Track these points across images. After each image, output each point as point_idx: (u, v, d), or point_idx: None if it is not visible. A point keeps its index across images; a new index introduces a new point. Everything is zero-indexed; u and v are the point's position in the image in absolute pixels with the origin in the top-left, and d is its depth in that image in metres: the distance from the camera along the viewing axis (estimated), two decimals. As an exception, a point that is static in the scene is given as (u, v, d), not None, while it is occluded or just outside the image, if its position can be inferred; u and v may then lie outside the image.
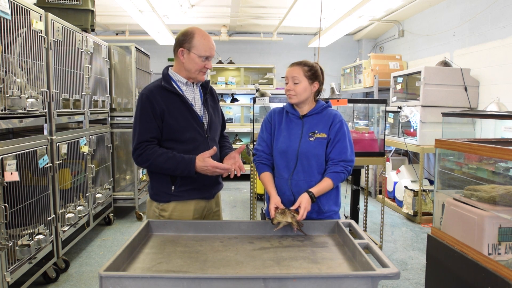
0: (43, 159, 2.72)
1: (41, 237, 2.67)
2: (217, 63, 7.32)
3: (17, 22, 2.43)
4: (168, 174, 1.82)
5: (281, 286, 1.21)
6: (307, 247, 1.59)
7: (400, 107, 4.83)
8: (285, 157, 1.90)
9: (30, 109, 2.54)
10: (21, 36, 2.50)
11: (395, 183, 5.16)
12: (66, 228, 3.11)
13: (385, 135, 3.73)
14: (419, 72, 4.63)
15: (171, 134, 1.80)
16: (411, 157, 5.62)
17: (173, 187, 1.84)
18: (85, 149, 3.52)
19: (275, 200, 1.79)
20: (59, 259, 3.02)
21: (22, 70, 2.53)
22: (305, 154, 1.86)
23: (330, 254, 1.53)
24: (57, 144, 2.96)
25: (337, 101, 3.23)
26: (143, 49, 4.96)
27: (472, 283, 1.93)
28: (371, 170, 5.54)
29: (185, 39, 1.80)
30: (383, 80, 5.85)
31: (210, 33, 7.25)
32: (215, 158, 1.86)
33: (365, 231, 3.89)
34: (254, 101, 3.75)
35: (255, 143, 2.09)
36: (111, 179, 4.35)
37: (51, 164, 2.85)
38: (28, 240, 2.54)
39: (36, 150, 2.63)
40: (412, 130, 4.84)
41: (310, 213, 1.77)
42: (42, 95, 2.75)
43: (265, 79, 7.36)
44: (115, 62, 4.53)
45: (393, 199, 5.21)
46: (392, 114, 5.22)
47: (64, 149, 3.06)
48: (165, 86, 1.81)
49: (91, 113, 3.71)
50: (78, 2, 3.52)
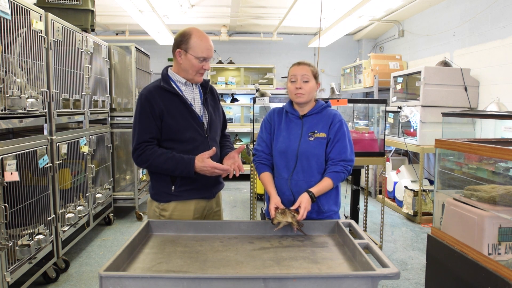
0: (43, 159, 2.72)
1: (41, 237, 2.67)
2: (217, 63, 7.32)
3: (17, 22, 2.43)
4: (168, 175, 1.82)
5: (281, 286, 1.21)
6: (307, 247, 1.59)
7: (400, 107, 4.83)
8: (285, 157, 1.90)
9: (30, 109, 2.54)
10: (21, 36, 2.50)
11: (395, 183, 5.16)
12: (66, 228, 3.11)
13: (385, 135, 3.73)
14: (419, 72, 4.63)
15: (170, 134, 1.80)
16: (411, 157, 5.62)
17: (173, 187, 1.84)
18: (85, 149, 3.52)
19: (275, 200, 1.79)
20: (59, 259, 3.02)
21: (22, 70, 2.53)
22: (304, 154, 1.86)
23: (330, 254, 1.53)
24: (57, 144, 2.96)
25: (337, 101, 3.23)
26: (143, 49, 4.96)
27: (472, 283, 1.93)
28: (371, 170, 5.54)
29: (182, 40, 1.80)
30: (383, 80, 5.85)
31: (210, 33, 7.28)
32: (215, 158, 1.86)
33: (365, 231, 3.89)
34: (254, 101, 3.75)
35: (255, 143, 2.09)
36: (111, 179, 4.35)
37: (51, 164, 2.85)
38: (28, 240, 2.54)
39: (36, 150, 2.63)
40: (412, 130, 4.84)
41: (310, 213, 1.76)
42: (42, 95, 2.75)
43: (265, 79, 7.36)
44: (115, 62, 4.53)
45: (393, 199, 5.21)
46: (392, 114, 5.22)
47: (64, 149, 3.06)
48: (164, 86, 1.81)
49: (91, 113, 3.71)
50: (78, 2, 3.52)
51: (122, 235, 4.06)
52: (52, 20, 2.88)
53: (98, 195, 3.87)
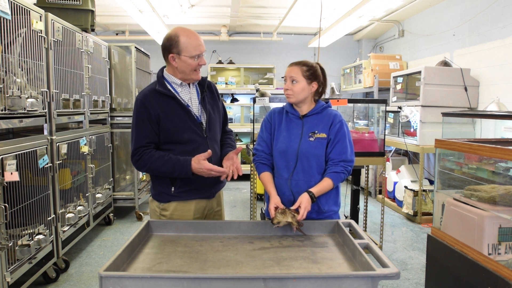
0: (43, 159, 2.72)
1: (41, 237, 2.67)
2: (217, 63, 7.32)
3: (17, 22, 2.43)
4: (168, 177, 1.82)
5: (281, 286, 1.21)
6: (307, 247, 1.59)
7: (400, 107, 4.83)
8: (285, 157, 1.90)
9: (30, 109, 2.54)
10: (21, 36, 2.50)
11: (395, 183, 5.16)
12: (66, 228, 3.11)
13: (385, 135, 3.73)
14: (419, 72, 4.63)
15: (169, 136, 1.80)
16: (411, 157, 5.62)
17: (173, 188, 1.84)
18: (85, 149, 3.52)
19: (275, 200, 1.79)
20: (59, 259, 3.02)
21: (22, 70, 2.53)
22: (305, 154, 1.86)
23: (330, 254, 1.53)
24: (57, 144, 2.96)
25: (337, 101, 3.23)
26: (143, 49, 4.96)
27: (472, 283, 1.93)
28: (371, 170, 5.54)
29: (172, 44, 1.77)
30: (383, 80, 5.85)
31: (210, 33, 7.28)
32: (215, 157, 1.86)
33: (365, 231, 3.89)
34: (254, 101, 3.75)
35: (255, 143, 2.09)
36: (111, 179, 4.35)
37: (51, 164, 2.85)
38: (28, 240, 2.54)
39: (36, 150, 2.62)
40: (412, 130, 4.84)
41: (310, 213, 1.76)
42: (42, 95, 2.75)
43: (265, 79, 7.36)
44: (115, 62, 4.53)
45: (393, 199, 5.21)
46: (392, 114, 5.22)
47: (64, 149, 3.06)
48: (159, 90, 1.80)
49: (91, 113, 3.71)
50: (78, 2, 3.52)
51: (122, 235, 4.06)
52: (52, 20, 2.88)
53: (98, 195, 3.87)
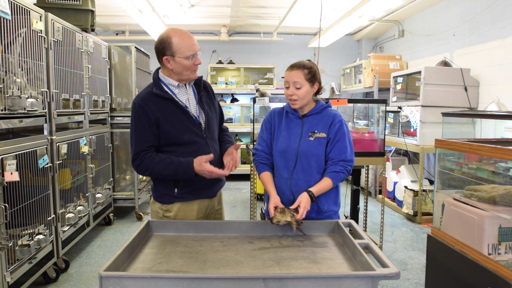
0: (43, 159, 2.72)
1: (41, 237, 2.67)
2: (217, 63, 7.32)
3: (17, 22, 2.43)
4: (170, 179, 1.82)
5: (281, 286, 1.21)
6: (307, 247, 1.59)
7: (400, 107, 4.83)
8: (285, 156, 1.90)
9: (30, 109, 2.54)
10: (21, 36, 2.50)
11: (395, 183, 5.16)
12: (66, 228, 3.11)
13: (385, 135, 3.73)
14: (419, 72, 4.63)
15: (170, 139, 1.80)
16: (411, 157, 5.62)
17: (176, 189, 1.84)
18: (85, 149, 3.52)
19: (275, 200, 1.79)
20: (59, 259, 3.02)
21: (22, 70, 2.53)
22: (304, 154, 1.86)
23: (330, 254, 1.53)
24: (57, 144, 2.96)
25: (337, 101, 3.23)
26: (143, 49, 4.96)
27: (472, 283, 1.93)
28: (371, 170, 5.54)
29: (165, 47, 1.76)
30: (383, 80, 5.85)
31: (210, 33, 7.28)
32: (216, 156, 1.87)
33: (365, 231, 3.89)
34: (254, 101, 3.75)
35: (255, 143, 2.09)
36: (111, 179, 4.35)
37: (51, 164, 2.85)
38: (28, 240, 2.54)
39: (36, 150, 2.63)
40: (412, 130, 4.84)
41: (309, 213, 1.77)
42: (42, 95, 2.75)
43: (265, 79, 7.36)
44: (115, 62, 4.53)
45: (393, 199, 5.21)
46: (392, 114, 5.22)
47: (64, 149, 3.06)
48: (157, 92, 1.78)
49: (91, 113, 3.71)
50: (78, 2, 3.52)
51: (122, 235, 4.06)
52: (52, 20, 2.88)
53: (98, 195, 3.87)
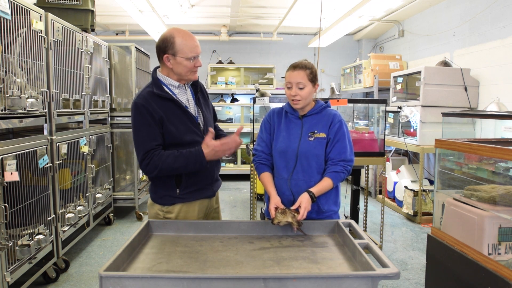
0: (43, 159, 2.72)
1: (41, 237, 2.67)
2: (217, 63, 7.32)
3: (17, 22, 2.43)
4: (173, 176, 1.80)
5: (281, 286, 1.21)
6: (307, 247, 1.59)
7: (400, 107, 4.83)
8: (285, 157, 1.90)
9: (30, 109, 2.54)
10: (21, 36, 2.50)
11: (395, 183, 5.16)
12: (66, 228, 3.11)
13: (385, 135, 3.73)
14: (419, 72, 4.63)
15: (171, 139, 1.78)
16: (411, 157, 5.62)
17: (178, 190, 1.82)
18: (85, 149, 3.52)
19: (275, 200, 1.79)
20: (59, 259, 3.02)
21: (22, 70, 2.53)
22: (304, 154, 1.86)
23: (330, 254, 1.53)
24: (57, 144, 2.96)
25: (337, 101, 3.23)
26: (143, 49, 4.96)
27: (472, 283, 1.93)
28: (371, 170, 5.54)
29: (167, 46, 1.75)
30: (383, 80, 5.85)
31: (210, 33, 7.28)
32: None
33: (365, 231, 3.89)
34: (254, 101, 3.75)
35: (255, 143, 2.09)
36: (111, 179, 4.35)
37: (51, 164, 2.85)
38: (28, 240, 2.54)
39: (36, 150, 2.62)
40: (412, 130, 4.84)
41: (309, 213, 1.76)
42: (42, 95, 2.75)
43: (265, 79, 7.36)
44: (115, 62, 4.53)
45: (393, 199, 5.21)
46: (392, 114, 5.22)
47: (64, 149, 3.06)
48: (158, 93, 1.77)
49: (91, 113, 3.71)
50: (78, 2, 3.52)
51: (122, 235, 4.06)
52: (52, 20, 2.88)
53: (98, 195, 3.87)
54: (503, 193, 1.99)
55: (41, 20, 2.72)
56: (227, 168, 6.80)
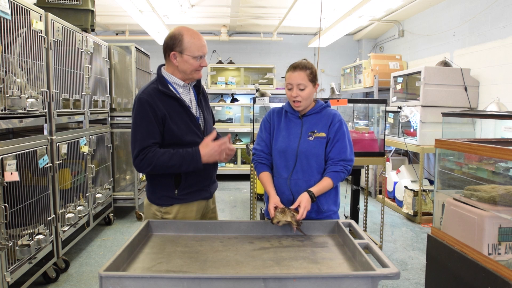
0: (43, 159, 2.72)
1: (41, 237, 2.67)
2: (217, 63, 7.32)
3: (17, 22, 2.43)
4: (172, 176, 1.79)
5: (281, 286, 1.21)
6: (307, 247, 1.59)
7: (400, 107, 4.83)
8: (284, 156, 1.90)
9: (30, 109, 2.54)
10: (21, 36, 2.50)
11: (395, 183, 5.16)
12: (66, 228, 3.11)
13: (385, 135, 3.73)
14: (419, 72, 4.63)
15: (172, 138, 1.78)
16: (411, 157, 5.62)
17: (176, 191, 1.82)
18: (85, 149, 3.52)
19: (275, 200, 1.79)
20: (59, 259, 3.02)
21: (22, 70, 2.53)
22: (304, 154, 1.86)
23: (330, 254, 1.53)
24: (57, 144, 2.96)
25: (337, 101, 3.23)
26: (143, 49, 4.96)
27: (472, 283, 1.93)
28: (371, 170, 5.54)
29: (175, 43, 1.75)
30: (383, 80, 5.85)
31: (210, 33, 7.28)
32: None
33: (365, 231, 3.89)
34: (254, 101, 3.75)
35: (254, 143, 2.09)
36: (111, 179, 4.35)
37: (51, 164, 2.85)
38: (28, 240, 2.54)
39: (36, 150, 2.62)
40: (412, 130, 4.84)
41: (309, 213, 1.76)
42: (42, 95, 2.75)
43: (265, 79, 7.36)
44: (115, 62, 4.53)
45: (393, 199, 5.21)
46: (392, 114, 5.22)
47: (64, 149, 3.06)
48: (163, 90, 1.76)
49: (91, 113, 3.71)
50: (78, 2, 3.52)
51: (122, 235, 4.06)
52: (52, 20, 2.88)
53: (98, 195, 3.87)
54: (503, 193, 1.99)
55: (41, 20, 2.72)
56: (227, 168, 6.80)
